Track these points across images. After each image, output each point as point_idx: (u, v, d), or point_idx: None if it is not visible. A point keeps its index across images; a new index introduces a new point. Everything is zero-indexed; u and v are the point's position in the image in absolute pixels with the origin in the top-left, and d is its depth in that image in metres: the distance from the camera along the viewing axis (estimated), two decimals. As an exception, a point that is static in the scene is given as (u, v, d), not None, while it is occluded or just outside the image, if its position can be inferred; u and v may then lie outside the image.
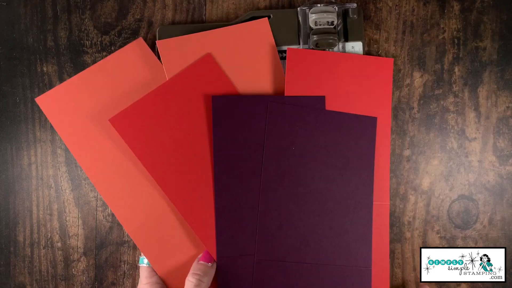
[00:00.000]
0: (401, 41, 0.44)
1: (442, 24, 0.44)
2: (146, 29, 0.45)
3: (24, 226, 0.46)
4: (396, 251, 0.43)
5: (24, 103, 0.46)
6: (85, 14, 0.46)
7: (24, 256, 0.46)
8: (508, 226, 0.44)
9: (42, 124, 0.46)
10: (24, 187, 0.46)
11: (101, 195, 0.43)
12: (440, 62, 0.44)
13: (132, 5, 0.45)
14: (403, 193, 0.44)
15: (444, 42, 0.44)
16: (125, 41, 0.45)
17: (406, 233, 0.43)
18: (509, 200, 0.44)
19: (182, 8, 0.45)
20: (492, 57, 0.43)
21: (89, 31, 0.46)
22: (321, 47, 0.42)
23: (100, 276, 0.45)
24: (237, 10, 0.45)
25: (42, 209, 0.46)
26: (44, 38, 0.46)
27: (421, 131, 0.44)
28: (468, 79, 0.43)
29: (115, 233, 0.45)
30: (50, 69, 0.46)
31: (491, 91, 0.43)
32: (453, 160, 0.43)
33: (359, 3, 0.44)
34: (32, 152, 0.46)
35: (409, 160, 0.44)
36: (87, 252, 0.45)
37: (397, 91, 0.44)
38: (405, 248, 0.43)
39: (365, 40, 0.44)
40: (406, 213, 0.44)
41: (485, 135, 0.43)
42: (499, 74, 0.43)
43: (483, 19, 0.43)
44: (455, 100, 0.43)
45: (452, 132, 0.43)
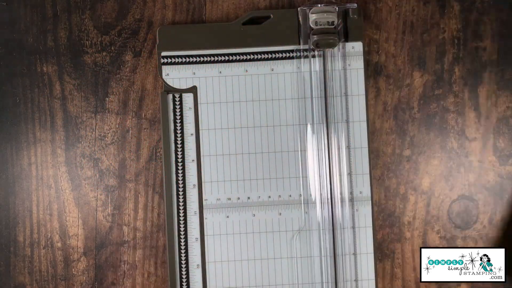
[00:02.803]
0: (401, 41, 0.44)
1: (442, 24, 0.44)
2: (146, 29, 0.45)
3: (24, 226, 0.46)
4: (396, 251, 0.44)
5: (24, 103, 0.46)
6: (85, 14, 0.46)
7: (24, 256, 0.46)
8: (508, 226, 0.44)
9: (42, 124, 0.46)
10: (24, 187, 0.46)
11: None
12: (440, 62, 0.44)
13: (132, 5, 0.45)
14: (403, 193, 0.44)
15: (444, 42, 0.44)
16: (125, 41, 0.45)
17: (406, 233, 0.44)
18: (509, 200, 0.44)
19: (182, 8, 0.45)
20: (492, 57, 0.43)
21: (89, 31, 0.46)
22: (321, 47, 0.42)
23: (100, 276, 0.45)
24: (237, 10, 0.45)
25: (42, 209, 0.46)
26: (44, 38, 0.46)
27: (421, 131, 0.44)
28: (468, 79, 0.43)
29: (115, 233, 0.45)
30: (50, 69, 0.46)
31: (491, 91, 0.43)
32: (453, 160, 0.43)
33: (359, 3, 0.44)
34: (32, 152, 0.46)
35: (409, 160, 0.44)
36: (87, 252, 0.45)
37: (397, 91, 0.44)
38: (405, 248, 0.43)
39: (365, 40, 0.44)
40: (406, 213, 0.44)
41: (485, 135, 0.43)
42: (499, 74, 0.43)
43: (483, 19, 0.43)
44: (455, 100, 0.43)
45: (452, 132, 0.43)
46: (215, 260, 0.44)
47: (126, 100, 0.45)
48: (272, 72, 0.44)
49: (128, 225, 0.45)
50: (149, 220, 0.45)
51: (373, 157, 0.44)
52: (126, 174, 0.45)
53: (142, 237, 0.45)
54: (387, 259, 0.44)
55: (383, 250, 0.44)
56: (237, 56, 0.44)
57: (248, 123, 0.44)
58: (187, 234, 0.44)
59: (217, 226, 0.44)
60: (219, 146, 0.44)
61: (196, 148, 0.44)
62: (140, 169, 0.45)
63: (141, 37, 0.45)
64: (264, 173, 0.44)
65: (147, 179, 0.45)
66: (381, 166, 0.44)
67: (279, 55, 0.43)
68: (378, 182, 0.44)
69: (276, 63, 0.44)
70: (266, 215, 0.44)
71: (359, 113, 0.43)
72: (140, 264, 0.45)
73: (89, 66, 0.46)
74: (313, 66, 0.43)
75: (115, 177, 0.45)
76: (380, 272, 0.44)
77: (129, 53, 0.45)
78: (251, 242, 0.44)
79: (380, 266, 0.44)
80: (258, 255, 0.44)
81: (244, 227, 0.44)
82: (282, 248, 0.43)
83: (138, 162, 0.45)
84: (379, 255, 0.44)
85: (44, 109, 0.46)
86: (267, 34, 0.43)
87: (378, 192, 0.44)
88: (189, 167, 0.44)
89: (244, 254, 0.44)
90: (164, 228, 0.45)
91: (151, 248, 0.45)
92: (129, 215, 0.45)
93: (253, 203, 0.44)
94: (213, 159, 0.44)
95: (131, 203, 0.45)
